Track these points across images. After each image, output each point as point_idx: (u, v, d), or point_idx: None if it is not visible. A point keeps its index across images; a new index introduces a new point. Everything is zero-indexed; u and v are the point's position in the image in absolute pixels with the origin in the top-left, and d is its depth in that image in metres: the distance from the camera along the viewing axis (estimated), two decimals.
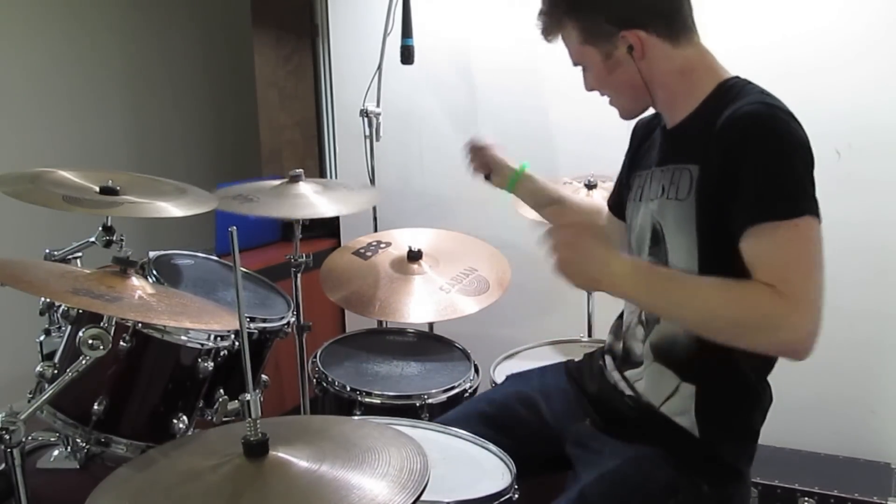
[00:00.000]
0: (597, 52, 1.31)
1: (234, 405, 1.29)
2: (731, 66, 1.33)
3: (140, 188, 1.72)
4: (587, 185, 2.13)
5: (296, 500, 0.95)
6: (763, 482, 1.97)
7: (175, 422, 1.51)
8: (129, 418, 1.48)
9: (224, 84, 3.58)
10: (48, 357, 1.50)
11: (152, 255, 1.83)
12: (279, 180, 2.13)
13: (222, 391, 1.64)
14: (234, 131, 3.57)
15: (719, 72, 1.31)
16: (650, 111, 1.45)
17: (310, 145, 3.20)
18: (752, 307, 1.14)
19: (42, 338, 1.62)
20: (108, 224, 1.76)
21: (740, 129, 1.17)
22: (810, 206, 1.15)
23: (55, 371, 1.43)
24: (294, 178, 2.07)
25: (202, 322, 1.43)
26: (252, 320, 1.80)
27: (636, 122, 1.53)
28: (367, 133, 2.56)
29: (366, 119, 2.54)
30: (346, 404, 1.82)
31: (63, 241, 1.75)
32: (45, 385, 1.42)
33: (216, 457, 1.03)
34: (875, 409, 2.23)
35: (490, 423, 1.49)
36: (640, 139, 1.51)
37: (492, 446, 1.39)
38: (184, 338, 1.50)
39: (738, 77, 1.30)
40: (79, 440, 1.45)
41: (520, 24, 2.50)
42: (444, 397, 1.82)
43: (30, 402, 1.34)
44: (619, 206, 1.58)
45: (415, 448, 1.05)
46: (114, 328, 1.35)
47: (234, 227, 1.02)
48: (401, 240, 2.19)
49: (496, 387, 1.73)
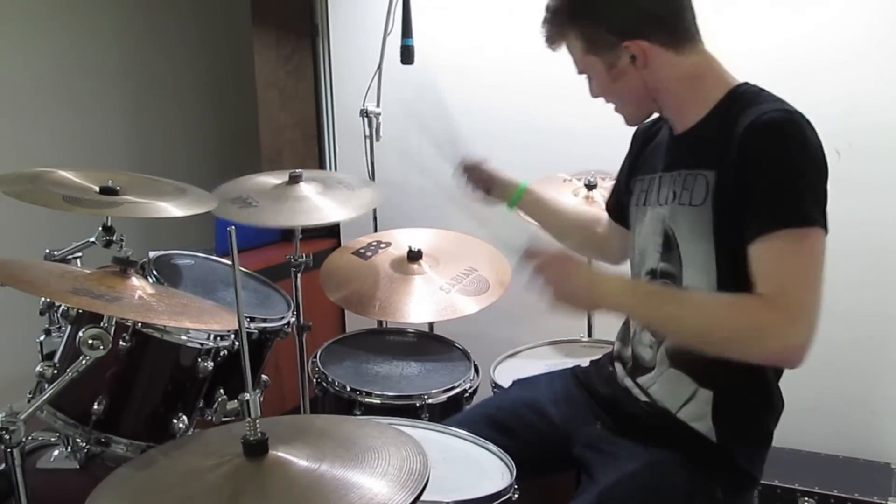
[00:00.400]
0: (600, 61, 1.31)
1: (233, 405, 1.29)
2: (730, 68, 1.33)
3: (140, 188, 1.72)
4: (587, 185, 2.13)
5: (296, 499, 0.95)
6: (763, 482, 1.94)
7: (175, 422, 1.51)
8: (129, 418, 1.48)
9: (224, 84, 3.58)
10: (48, 357, 1.50)
11: (152, 255, 1.83)
12: (278, 177, 2.11)
13: (222, 391, 1.64)
14: (234, 131, 3.57)
15: (728, 78, 1.31)
16: (653, 116, 1.45)
17: (310, 145, 3.20)
18: (745, 320, 1.15)
19: (42, 338, 1.62)
20: (108, 224, 1.76)
21: (761, 136, 1.18)
22: (820, 218, 1.16)
23: (55, 371, 1.43)
24: (294, 179, 2.07)
25: (202, 322, 1.43)
26: (252, 320, 1.80)
27: (637, 128, 1.53)
28: (367, 133, 2.56)
29: (366, 119, 2.54)
30: (346, 404, 1.82)
31: (63, 241, 1.75)
32: (45, 385, 1.42)
33: (216, 457, 1.03)
34: (875, 409, 2.23)
35: (496, 426, 1.48)
36: (640, 144, 1.51)
37: (492, 446, 1.39)
38: (184, 338, 1.50)
39: (748, 83, 1.30)
40: (79, 440, 1.44)
41: (520, 25, 2.51)
42: (444, 397, 1.82)
43: (30, 402, 1.34)
44: (618, 211, 1.58)
45: (415, 448, 1.05)
46: (114, 328, 1.35)
47: (233, 227, 1.02)
48: (401, 240, 2.19)
49: (503, 392, 1.72)
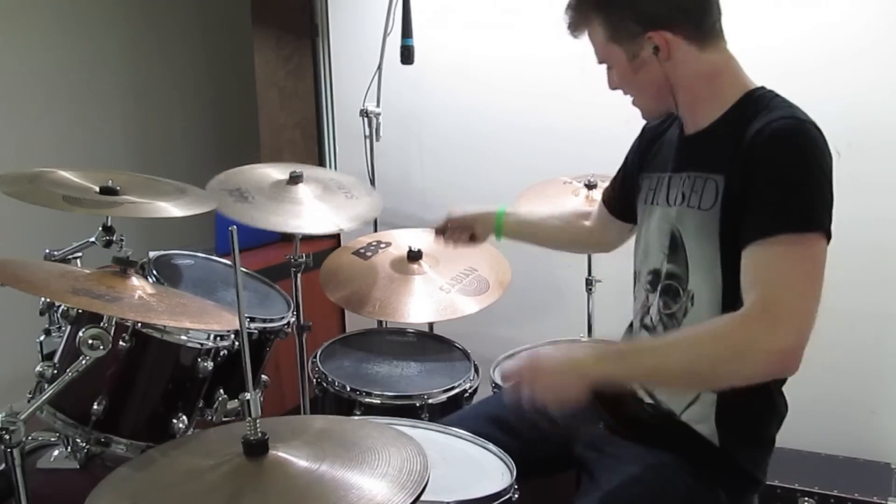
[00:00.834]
0: (622, 51, 1.29)
1: (233, 405, 1.29)
2: None
3: (140, 188, 1.72)
4: (587, 185, 2.14)
5: (295, 499, 0.95)
6: (763, 484, 1.96)
7: (175, 422, 1.51)
8: (129, 418, 1.48)
9: (224, 84, 3.58)
10: (48, 357, 1.50)
11: (152, 255, 1.83)
12: (279, 171, 2.09)
13: (222, 391, 1.64)
14: (234, 131, 3.57)
15: (745, 81, 1.30)
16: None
17: (310, 145, 3.20)
18: (724, 341, 1.14)
19: (42, 338, 1.62)
20: (108, 224, 1.76)
21: (770, 143, 1.17)
22: (820, 223, 1.15)
23: (55, 371, 1.43)
24: (294, 179, 2.06)
25: (202, 322, 1.43)
26: (252, 320, 1.80)
27: (646, 124, 1.53)
28: (367, 133, 2.56)
29: (366, 119, 2.54)
30: (346, 404, 1.82)
31: (63, 241, 1.75)
32: (45, 385, 1.42)
33: (216, 457, 1.03)
34: (875, 409, 2.23)
35: (497, 424, 1.48)
36: (648, 140, 1.50)
37: (492, 446, 1.39)
38: (183, 338, 1.50)
39: (764, 88, 1.29)
40: (79, 440, 1.45)
41: (520, 26, 2.51)
42: (444, 397, 1.82)
43: (30, 402, 1.34)
44: (617, 204, 1.58)
45: (415, 448, 1.05)
46: (114, 328, 1.35)
47: (234, 227, 1.02)
48: (401, 240, 2.19)
49: (504, 390, 1.72)
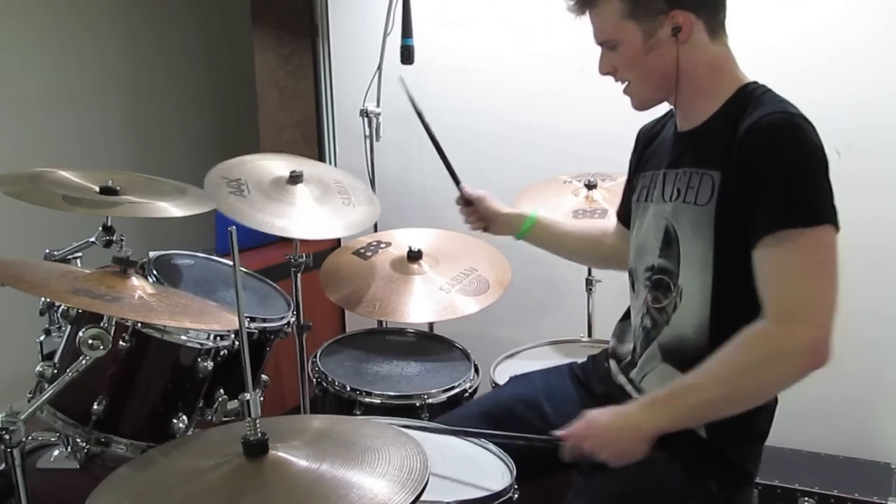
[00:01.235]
0: (638, 29, 1.26)
1: (233, 405, 1.29)
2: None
3: (140, 188, 1.72)
4: (587, 185, 2.13)
5: (295, 499, 0.95)
6: (763, 482, 1.97)
7: (175, 422, 1.51)
8: (129, 418, 1.48)
9: (224, 84, 3.58)
10: (48, 357, 1.50)
11: (152, 255, 1.83)
12: (279, 167, 2.09)
13: (222, 391, 1.64)
14: (234, 131, 3.57)
15: (740, 76, 1.31)
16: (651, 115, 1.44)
17: (310, 145, 3.20)
18: (754, 352, 1.16)
19: (42, 338, 1.62)
20: (108, 224, 1.76)
21: (762, 139, 1.18)
22: (827, 215, 1.16)
23: (55, 371, 1.43)
24: (294, 179, 2.06)
25: (202, 322, 1.43)
26: (252, 320, 1.80)
27: (640, 128, 1.53)
28: (367, 133, 2.56)
29: (366, 119, 2.54)
30: (346, 404, 1.82)
31: (63, 241, 1.75)
32: (45, 385, 1.42)
33: (216, 457, 1.03)
34: (875, 409, 2.23)
35: (492, 423, 1.47)
36: (644, 143, 1.51)
37: (492, 446, 1.39)
38: (183, 337, 1.50)
39: (756, 83, 1.30)
40: (79, 440, 1.44)
41: (520, 25, 2.51)
42: (444, 397, 1.82)
43: (30, 402, 1.34)
44: (627, 217, 1.56)
45: (415, 447, 1.05)
46: (114, 328, 1.35)
47: (234, 228, 1.02)
48: (401, 240, 2.19)
49: (498, 388, 1.72)
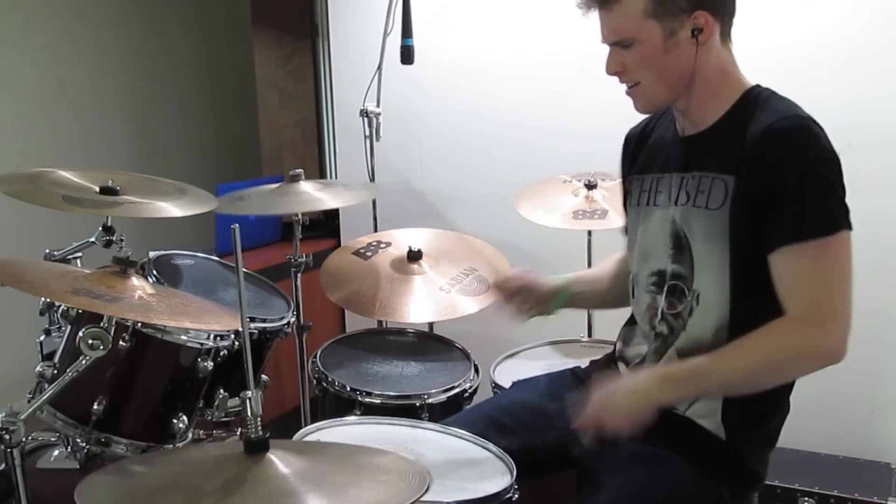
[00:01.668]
0: (659, 27, 1.25)
1: (234, 402, 1.29)
2: None
3: (140, 188, 1.72)
4: (587, 185, 2.13)
5: (295, 499, 0.95)
6: (765, 480, 1.96)
7: (175, 422, 1.51)
8: (129, 418, 1.48)
9: (224, 84, 3.58)
10: (48, 357, 1.50)
11: (152, 255, 1.83)
12: (278, 182, 2.12)
13: (222, 391, 1.64)
14: (234, 131, 3.57)
15: (743, 80, 1.32)
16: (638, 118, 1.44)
17: (310, 145, 3.21)
18: (781, 348, 1.21)
19: (42, 338, 1.62)
20: (108, 224, 1.76)
21: (777, 145, 1.19)
22: (844, 220, 1.19)
23: (55, 371, 1.43)
24: (294, 178, 2.07)
25: (202, 322, 1.43)
26: (252, 320, 1.80)
27: (628, 132, 1.53)
28: (367, 133, 2.56)
29: (366, 119, 2.54)
30: (346, 404, 1.82)
31: (63, 241, 1.75)
32: (45, 385, 1.42)
33: (216, 456, 1.03)
34: (875, 409, 2.23)
35: (496, 427, 1.47)
36: (634, 145, 1.50)
37: (492, 446, 1.39)
38: (184, 337, 1.50)
39: (760, 86, 1.31)
40: (79, 440, 1.45)
41: (520, 25, 2.51)
42: (444, 397, 1.82)
43: (30, 402, 1.34)
44: None
45: (416, 468, 1.03)
46: (114, 328, 1.35)
47: (237, 225, 1.02)
48: (401, 240, 2.18)
49: (502, 392, 1.71)
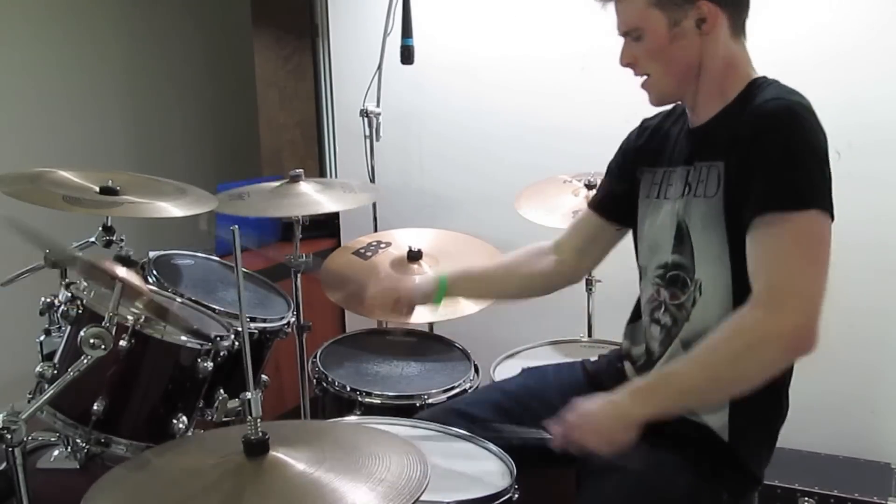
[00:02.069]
0: (664, 17, 1.27)
1: (234, 404, 1.29)
2: None
3: (140, 188, 1.72)
4: (587, 185, 2.13)
5: (295, 500, 0.95)
6: (763, 482, 1.96)
7: (175, 422, 1.51)
8: (129, 418, 1.48)
9: (224, 84, 3.58)
10: (48, 357, 1.50)
11: (152, 255, 1.83)
12: (279, 181, 2.12)
13: (222, 391, 1.64)
14: (234, 131, 3.57)
15: (751, 73, 1.32)
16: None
17: (310, 145, 3.20)
18: (738, 336, 1.16)
19: (42, 338, 1.62)
20: (108, 224, 1.76)
21: (759, 125, 1.20)
22: (818, 200, 1.16)
23: (55, 371, 1.43)
24: (294, 178, 2.07)
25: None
26: (252, 320, 1.80)
27: (645, 118, 1.52)
28: (367, 133, 2.56)
29: (366, 119, 2.54)
30: (346, 404, 1.82)
31: (63, 241, 1.75)
32: (46, 385, 1.42)
33: (216, 457, 1.03)
34: (875, 409, 2.23)
35: (501, 411, 1.48)
36: (649, 133, 1.48)
37: (492, 446, 1.39)
38: (183, 338, 1.50)
39: (765, 77, 1.31)
40: (79, 440, 1.44)
41: (520, 25, 2.51)
42: (443, 397, 1.81)
43: (30, 402, 1.34)
44: (609, 206, 1.54)
45: (417, 456, 1.04)
46: (114, 328, 1.35)
47: (237, 227, 1.02)
48: (401, 240, 2.19)
49: (509, 379, 1.72)
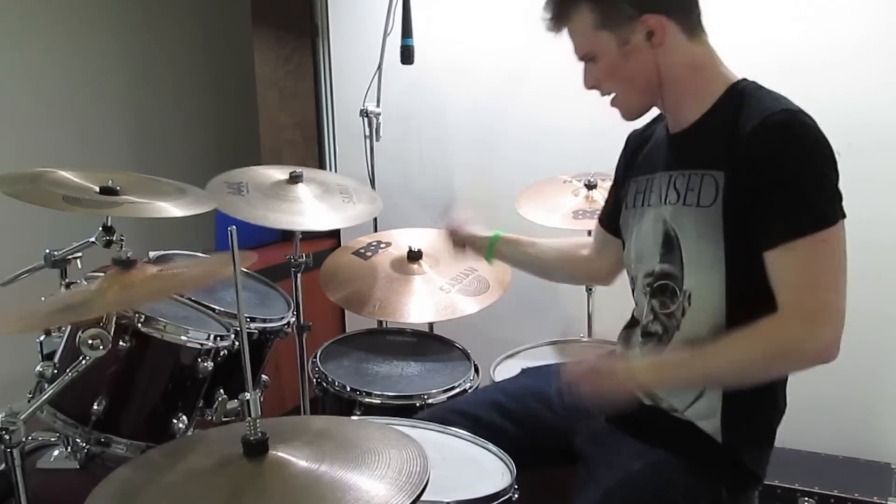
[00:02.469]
0: (613, 37, 1.27)
1: (233, 404, 1.29)
2: (730, 65, 1.33)
3: (140, 188, 1.72)
4: (587, 185, 2.14)
5: (295, 499, 0.95)
6: (763, 482, 1.97)
7: (175, 422, 1.51)
8: (129, 418, 1.48)
9: (224, 84, 3.58)
10: (48, 357, 1.50)
11: (152, 255, 1.83)
12: (280, 172, 2.10)
13: (222, 391, 1.64)
14: (234, 131, 3.57)
15: (727, 74, 1.31)
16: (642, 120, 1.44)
17: (310, 145, 3.20)
18: (773, 343, 1.20)
19: (42, 338, 1.62)
20: (108, 224, 1.76)
21: (770, 139, 1.18)
22: (836, 213, 1.18)
23: (55, 371, 1.44)
24: (294, 178, 2.07)
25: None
26: (252, 320, 1.80)
27: (630, 133, 1.53)
28: (367, 133, 2.56)
29: (366, 119, 2.54)
30: (346, 404, 1.82)
31: (63, 241, 1.75)
32: (45, 385, 1.42)
33: (216, 457, 1.03)
34: (875, 409, 2.23)
35: (501, 411, 1.49)
36: (634, 147, 1.50)
37: (492, 446, 1.39)
38: (183, 338, 1.50)
39: (746, 79, 1.30)
40: (79, 440, 1.45)
41: (519, 25, 2.51)
42: (443, 397, 1.82)
43: (30, 402, 1.34)
44: (613, 220, 1.54)
45: (416, 449, 1.05)
46: (114, 328, 1.35)
47: (234, 227, 1.02)
48: (401, 240, 2.19)
49: (511, 378, 1.72)
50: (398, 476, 0.98)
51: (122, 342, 1.41)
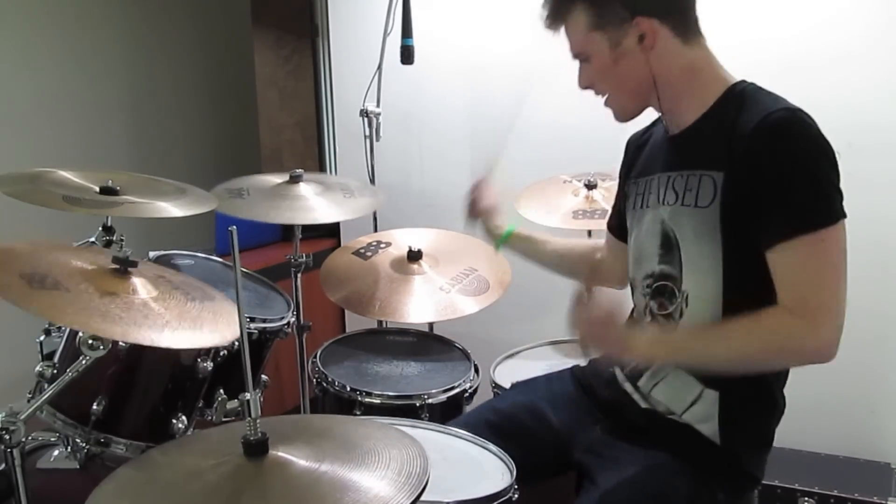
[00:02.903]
0: (605, 38, 1.28)
1: (233, 405, 1.29)
2: (728, 64, 1.33)
3: (140, 188, 1.72)
4: (587, 185, 2.14)
5: (295, 499, 0.95)
6: (763, 482, 1.95)
7: (175, 422, 1.51)
8: (129, 418, 1.48)
9: (224, 84, 3.58)
10: (48, 357, 1.50)
11: (152, 255, 1.83)
12: (279, 178, 2.11)
13: (222, 391, 1.64)
14: (234, 131, 3.57)
15: (725, 76, 1.31)
16: (640, 123, 1.44)
17: (310, 145, 3.20)
18: (773, 336, 1.19)
19: (42, 338, 1.62)
20: (108, 224, 1.76)
21: (769, 139, 1.18)
22: (839, 209, 1.18)
23: (55, 371, 1.43)
24: (294, 179, 2.07)
25: (202, 333, 1.38)
26: (252, 320, 1.80)
27: (630, 136, 1.53)
28: (367, 133, 2.56)
29: (366, 119, 2.54)
30: (346, 404, 1.82)
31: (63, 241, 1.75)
32: (45, 385, 1.42)
33: (216, 457, 1.03)
34: (875, 409, 2.23)
35: (496, 431, 1.47)
36: (633, 151, 1.50)
37: (492, 446, 1.39)
38: None
39: (745, 81, 1.30)
40: (79, 440, 1.44)
41: (519, 24, 2.51)
42: (443, 397, 1.82)
43: (30, 402, 1.34)
44: (620, 228, 1.55)
45: (416, 449, 1.05)
46: None
47: (234, 227, 1.02)
48: (401, 240, 2.19)
49: (501, 395, 1.72)
50: (398, 476, 0.98)
51: (121, 342, 1.41)
